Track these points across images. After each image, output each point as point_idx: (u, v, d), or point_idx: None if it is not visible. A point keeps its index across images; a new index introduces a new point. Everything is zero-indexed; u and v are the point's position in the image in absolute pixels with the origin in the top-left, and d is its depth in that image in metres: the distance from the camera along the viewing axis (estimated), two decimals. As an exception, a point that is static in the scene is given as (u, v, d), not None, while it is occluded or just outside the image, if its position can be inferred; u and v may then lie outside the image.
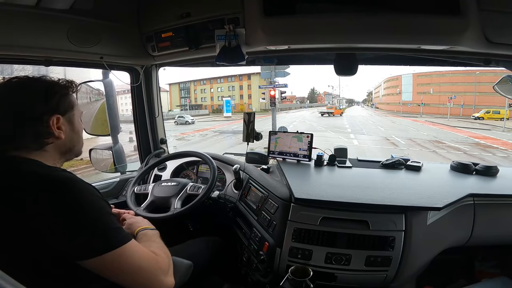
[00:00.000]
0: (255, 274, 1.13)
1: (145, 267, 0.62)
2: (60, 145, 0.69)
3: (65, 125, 0.69)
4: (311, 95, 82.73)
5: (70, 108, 0.71)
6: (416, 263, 0.99)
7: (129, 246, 0.61)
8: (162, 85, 4.71)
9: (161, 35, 1.28)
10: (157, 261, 0.66)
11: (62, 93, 0.70)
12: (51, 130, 0.66)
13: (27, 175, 0.59)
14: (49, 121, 0.65)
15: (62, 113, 0.69)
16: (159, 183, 1.38)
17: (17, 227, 0.56)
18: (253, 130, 1.37)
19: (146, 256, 0.64)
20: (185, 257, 0.91)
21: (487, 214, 1.09)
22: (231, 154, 1.75)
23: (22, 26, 1.03)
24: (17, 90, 0.66)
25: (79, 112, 0.76)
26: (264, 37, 1.05)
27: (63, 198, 0.57)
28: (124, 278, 0.61)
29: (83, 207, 0.58)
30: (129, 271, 0.61)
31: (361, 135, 14.68)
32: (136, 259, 0.62)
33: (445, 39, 0.96)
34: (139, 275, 0.62)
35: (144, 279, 0.62)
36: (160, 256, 0.68)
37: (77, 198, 0.58)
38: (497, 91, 1.24)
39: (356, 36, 1.01)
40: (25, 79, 0.68)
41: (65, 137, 0.69)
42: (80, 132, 0.76)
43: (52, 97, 0.67)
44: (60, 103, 0.69)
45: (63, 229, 0.56)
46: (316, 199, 1.02)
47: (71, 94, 0.73)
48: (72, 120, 0.72)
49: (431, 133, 14.86)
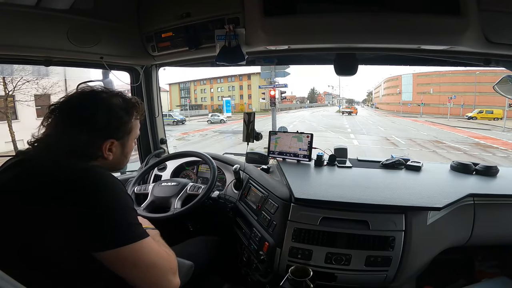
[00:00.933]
0: (255, 274, 1.13)
1: (158, 264, 0.63)
2: (104, 163, 0.69)
3: (117, 147, 0.70)
4: (311, 95, 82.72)
5: (127, 133, 0.72)
6: (416, 263, 0.99)
7: (146, 242, 0.62)
8: (162, 85, 4.72)
9: (161, 35, 1.28)
10: (170, 261, 0.67)
11: (125, 120, 0.70)
12: (102, 153, 0.67)
13: (61, 169, 0.60)
14: (103, 145, 0.66)
15: (118, 138, 0.69)
16: (159, 183, 1.38)
17: (44, 219, 0.56)
18: (253, 130, 1.37)
19: (160, 254, 0.65)
20: (185, 257, 0.91)
21: (487, 214, 1.09)
22: (231, 154, 1.75)
23: (22, 26, 1.03)
24: (82, 109, 0.66)
25: (134, 136, 0.76)
26: (264, 37, 1.05)
27: (92, 190, 0.59)
28: (135, 274, 0.61)
29: (109, 201, 0.60)
30: (142, 267, 0.61)
31: (361, 135, 14.68)
32: (150, 255, 0.62)
33: (445, 39, 0.96)
34: (151, 272, 0.62)
35: (154, 277, 0.63)
36: (170, 256, 0.69)
37: (104, 192, 0.60)
38: (497, 91, 1.24)
39: (356, 36, 1.01)
40: (93, 96, 0.68)
41: (112, 158, 0.70)
42: (129, 154, 0.76)
43: (113, 123, 0.67)
44: (119, 129, 0.69)
45: (88, 220, 0.57)
46: (316, 199, 1.02)
47: (133, 120, 0.73)
48: (125, 144, 0.72)
49: (431, 133, 14.87)
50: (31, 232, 0.56)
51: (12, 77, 8.15)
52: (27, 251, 0.57)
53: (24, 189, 0.58)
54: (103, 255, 0.58)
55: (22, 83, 8.67)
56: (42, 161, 0.63)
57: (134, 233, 0.61)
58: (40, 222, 0.56)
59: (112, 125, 0.67)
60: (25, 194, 0.58)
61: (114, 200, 0.60)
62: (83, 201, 0.57)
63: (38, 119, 6.51)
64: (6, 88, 8.46)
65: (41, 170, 0.61)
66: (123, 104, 0.70)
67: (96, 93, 0.70)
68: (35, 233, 0.56)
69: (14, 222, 0.57)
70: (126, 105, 0.71)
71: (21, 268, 0.55)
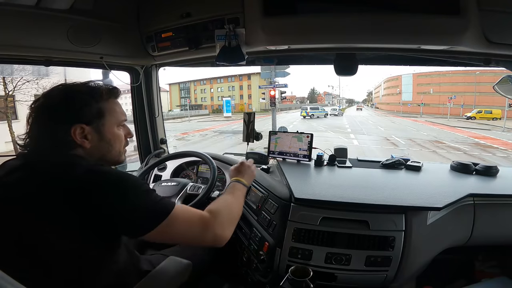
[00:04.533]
0: (255, 274, 1.13)
1: (191, 229, 0.71)
2: (89, 153, 0.70)
3: (91, 133, 0.69)
4: (311, 95, 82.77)
5: (98, 117, 0.70)
6: (416, 263, 0.99)
7: (174, 212, 0.68)
8: (162, 85, 4.71)
9: (161, 35, 1.28)
10: (202, 218, 0.73)
11: (88, 102, 0.69)
12: (74, 139, 0.67)
13: (83, 171, 0.62)
14: (70, 130, 0.66)
15: (87, 122, 0.68)
16: (159, 183, 1.38)
17: (69, 220, 0.59)
18: (253, 130, 1.37)
19: (191, 216, 0.72)
20: (185, 257, 0.92)
21: (487, 214, 1.09)
22: (231, 154, 1.75)
23: (22, 26, 1.03)
24: (47, 102, 0.68)
25: (113, 120, 0.74)
26: (264, 37, 1.05)
27: (116, 189, 0.63)
28: (178, 238, 0.73)
29: (133, 194, 0.64)
30: (180, 232, 0.69)
31: (361, 135, 14.68)
32: (182, 221, 0.69)
33: (445, 39, 0.96)
34: (189, 233, 0.71)
35: (192, 233, 0.71)
36: (197, 212, 0.74)
37: (127, 188, 0.64)
38: (497, 91, 1.23)
39: (356, 36, 1.01)
40: (58, 89, 0.70)
41: (91, 146, 0.69)
42: (114, 142, 0.75)
43: (76, 106, 0.68)
44: (84, 112, 0.68)
45: (123, 213, 0.62)
46: (316, 199, 1.02)
47: (102, 102, 0.71)
48: (101, 129, 0.71)
49: (431, 133, 14.87)
50: (54, 231, 0.59)
51: (12, 77, 8.15)
52: (49, 248, 0.60)
53: (46, 192, 0.60)
54: (146, 237, 0.65)
55: (22, 83, 8.66)
56: (45, 160, 0.65)
57: (161, 210, 0.67)
58: (66, 222, 0.59)
59: (72, 109, 0.67)
60: (45, 197, 0.59)
61: (135, 192, 0.65)
62: (112, 199, 0.62)
63: (38, 119, 6.46)
64: (6, 88, 8.46)
65: (50, 170, 0.62)
66: (85, 89, 0.71)
67: (61, 85, 0.71)
68: (56, 232, 0.59)
69: (36, 222, 0.59)
70: (88, 89, 0.71)
71: (44, 260, 0.59)
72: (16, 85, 8.63)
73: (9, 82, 8.49)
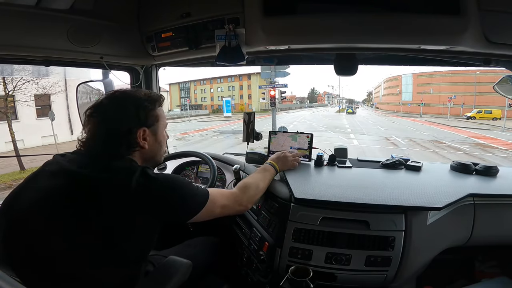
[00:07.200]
0: (255, 274, 1.13)
1: (226, 204, 0.90)
2: (143, 153, 0.80)
3: (149, 136, 0.79)
4: (311, 95, 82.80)
5: (155, 121, 0.81)
6: (416, 263, 0.99)
7: (211, 197, 0.84)
8: (162, 85, 4.74)
9: (161, 35, 1.28)
10: (233, 195, 0.94)
11: (150, 108, 0.80)
12: (138, 141, 0.77)
13: (132, 171, 0.70)
14: (136, 133, 0.76)
15: (148, 126, 0.79)
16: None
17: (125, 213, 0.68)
18: (253, 130, 1.37)
19: (224, 195, 0.91)
20: (185, 257, 0.91)
21: (487, 214, 1.09)
22: (231, 154, 1.75)
23: (22, 26, 1.03)
24: (114, 107, 0.76)
25: (163, 124, 0.85)
26: (264, 37, 1.05)
27: (161, 186, 0.73)
28: (218, 212, 0.88)
29: (177, 189, 0.76)
30: (218, 209, 0.87)
31: (361, 135, 14.69)
32: (219, 202, 0.87)
33: (445, 39, 0.96)
34: (225, 209, 0.90)
35: (229, 209, 0.92)
36: (226, 191, 0.96)
37: (171, 183, 0.76)
38: (497, 91, 1.23)
39: (356, 36, 1.01)
40: (120, 95, 0.80)
41: (148, 147, 0.79)
42: (162, 142, 0.86)
43: (141, 112, 0.77)
44: (147, 117, 0.79)
45: (172, 205, 0.75)
46: (316, 199, 1.01)
47: (157, 108, 0.82)
48: (156, 132, 0.82)
49: (431, 133, 14.88)
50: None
51: (12, 77, 8.15)
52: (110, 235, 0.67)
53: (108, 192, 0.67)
54: (193, 219, 0.81)
55: (22, 83, 8.68)
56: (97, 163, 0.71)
57: (201, 198, 0.82)
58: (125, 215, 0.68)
59: (141, 114, 0.77)
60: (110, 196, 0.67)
61: (179, 185, 0.77)
62: (161, 194, 0.72)
63: (38, 119, 6.59)
64: (6, 88, 8.47)
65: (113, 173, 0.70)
66: (146, 96, 0.80)
67: (123, 91, 0.83)
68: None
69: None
70: (148, 97, 0.81)
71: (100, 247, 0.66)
72: (16, 85, 8.63)
73: (9, 82, 8.49)
